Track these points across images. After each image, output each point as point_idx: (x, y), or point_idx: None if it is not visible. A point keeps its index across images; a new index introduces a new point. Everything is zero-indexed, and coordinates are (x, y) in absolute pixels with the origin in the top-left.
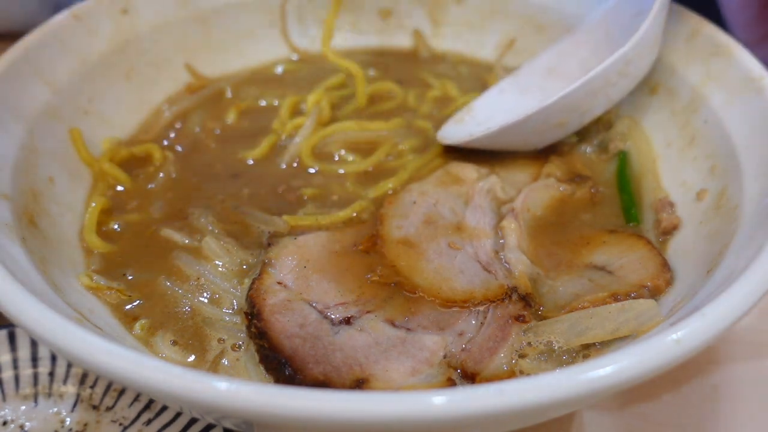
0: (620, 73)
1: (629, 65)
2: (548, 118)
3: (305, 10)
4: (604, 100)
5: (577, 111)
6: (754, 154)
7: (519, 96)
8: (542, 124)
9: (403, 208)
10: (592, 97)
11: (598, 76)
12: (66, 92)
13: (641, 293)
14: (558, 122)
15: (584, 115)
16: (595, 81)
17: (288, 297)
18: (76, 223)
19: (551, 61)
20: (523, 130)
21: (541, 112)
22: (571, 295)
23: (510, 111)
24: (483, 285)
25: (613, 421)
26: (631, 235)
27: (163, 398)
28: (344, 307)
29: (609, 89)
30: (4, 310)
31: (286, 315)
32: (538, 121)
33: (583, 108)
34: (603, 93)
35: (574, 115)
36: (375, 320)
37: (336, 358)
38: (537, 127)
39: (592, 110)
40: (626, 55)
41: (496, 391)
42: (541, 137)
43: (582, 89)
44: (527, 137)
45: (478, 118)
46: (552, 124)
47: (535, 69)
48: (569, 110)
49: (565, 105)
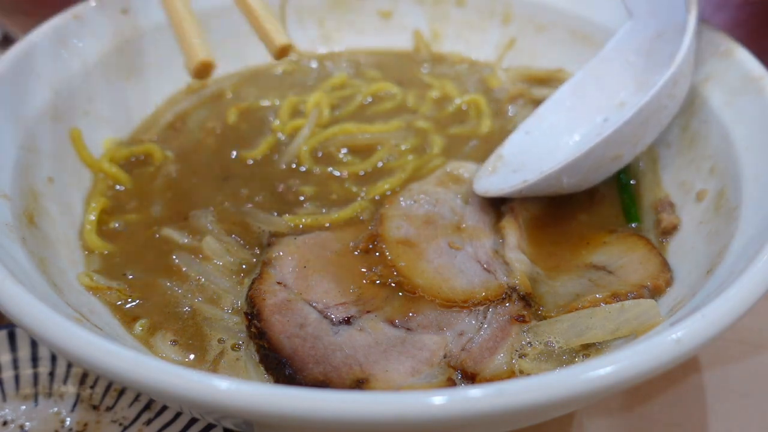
0: (669, 95)
1: (676, 86)
2: (606, 151)
3: (305, 10)
4: (657, 125)
5: (632, 141)
6: (754, 155)
7: (549, 137)
8: (600, 159)
9: (403, 208)
10: (646, 124)
11: (652, 102)
12: (66, 92)
13: (641, 293)
14: (614, 155)
15: (637, 145)
16: (650, 106)
17: (288, 297)
18: (76, 223)
19: (570, 97)
20: (581, 168)
21: (601, 146)
22: (571, 295)
23: (547, 153)
24: (483, 285)
25: (613, 421)
26: (631, 236)
27: (163, 398)
28: (344, 307)
29: (661, 113)
30: (4, 310)
31: (286, 315)
32: (598, 156)
33: (638, 136)
34: (655, 118)
35: (629, 146)
36: (375, 320)
37: (336, 358)
38: (594, 163)
39: (645, 138)
40: (674, 75)
41: (496, 391)
42: (595, 175)
43: (638, 117)
44: (583, 177)
45: (512, 164)
46: (609, 158)
47: (556, 107)
48: (625, 141)
49: (622, 135)
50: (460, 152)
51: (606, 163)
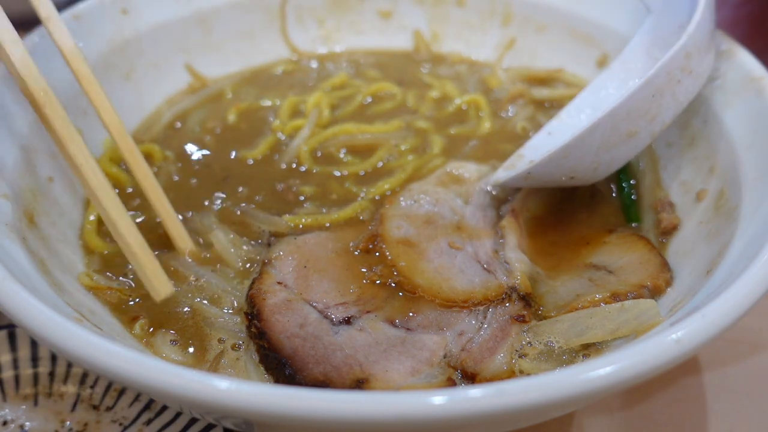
0: (682, 69)
1: (690, 59)
2: (617, 125)
3: (304, 10)
4: (672, 101)
5: (647, 116)
6: (754, 155)
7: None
8: (612, 134)
9: (403, 208)
10: (660, 97)
11: (661, 72)
12: (66, 92)
13: (641, 293)
14: (628, 131)
15: (654, 121)
16: (660, 77)
17: (288, 297)
18: (76, 223)
19: (595, 97)
20: (590, 145)
21: (608, 118)
22: (571, 295)
23: None
24: (483, 285)
25: (613, 421)
26: (631, 236)
27: (163, 398)
28: (344, 307)
29: (675, 88)
30: (4, 310)
31: (286, 315)
32: (607, 130)
33: (653, 111)
34: (669, 92)
35: (644, 122)
36: (375, 320)
37: (336, 358)
38: (606, 139)
39: (661, 115)
40: (686, 46)
41: (496, 391)
42: (610, 156)
43: (648, 87)
44: (596, 157)
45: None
46: (622, 134)
47: (580, 107)
48: (638, 115)
49: (633, 107)
50: (460, 152)
51: (621, 140)
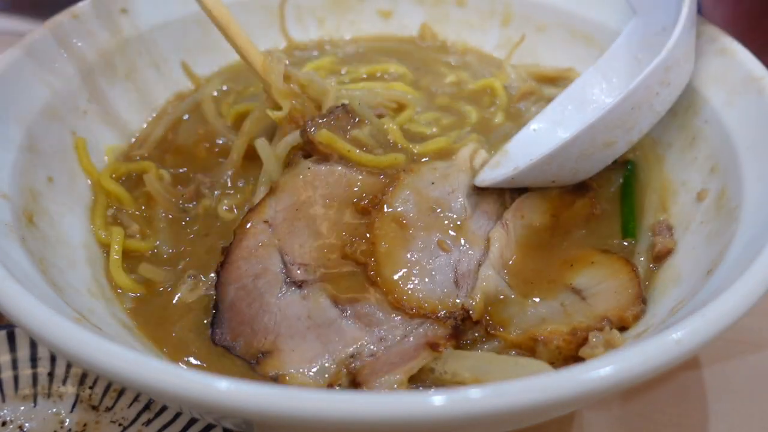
0: (662, 82)
1: (669, 72)
2: (595, 137)
3: (304, 10)
4: (650, 112)
5: (624, 126)
6: (754, 155)
7: (554, 131)
8: (590, 145)
9: (419, 182)
10: (638, 110)
11: (640, 87)
12: (66, 92)
13: (601, 326)
14: (605, 141)
15: (631, 131)
16: (638, 92)
17: (264, 241)
18: (75, 223)
19: (580, 94)
20: (570, 154)
21: (588, 131)
22: (537, 319)
23: (546, 147)
24: (440, 298)
25: (613, 421)
26: (619, 259)
27: (163, 398)
28: (306, 269)
29: (653, 100)
30: (4, 310)
31: (249, 262)
32: (585, 141)
33: (630, 123)
34: (647, 105)
35: (621, 132)
36: (321, 293)
37: (260, 322)
38: (584, 149)
39: (639, 125)
40: (665, 61)
41: (496, 391)
42: (589, 163)
43: (626, 102)
44: (575, 165)
45: (516, 159)
46: (600, 144)
47: (564, 104)
48: (616, 126)
49: (612, 120)
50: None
51: (598, 150)
